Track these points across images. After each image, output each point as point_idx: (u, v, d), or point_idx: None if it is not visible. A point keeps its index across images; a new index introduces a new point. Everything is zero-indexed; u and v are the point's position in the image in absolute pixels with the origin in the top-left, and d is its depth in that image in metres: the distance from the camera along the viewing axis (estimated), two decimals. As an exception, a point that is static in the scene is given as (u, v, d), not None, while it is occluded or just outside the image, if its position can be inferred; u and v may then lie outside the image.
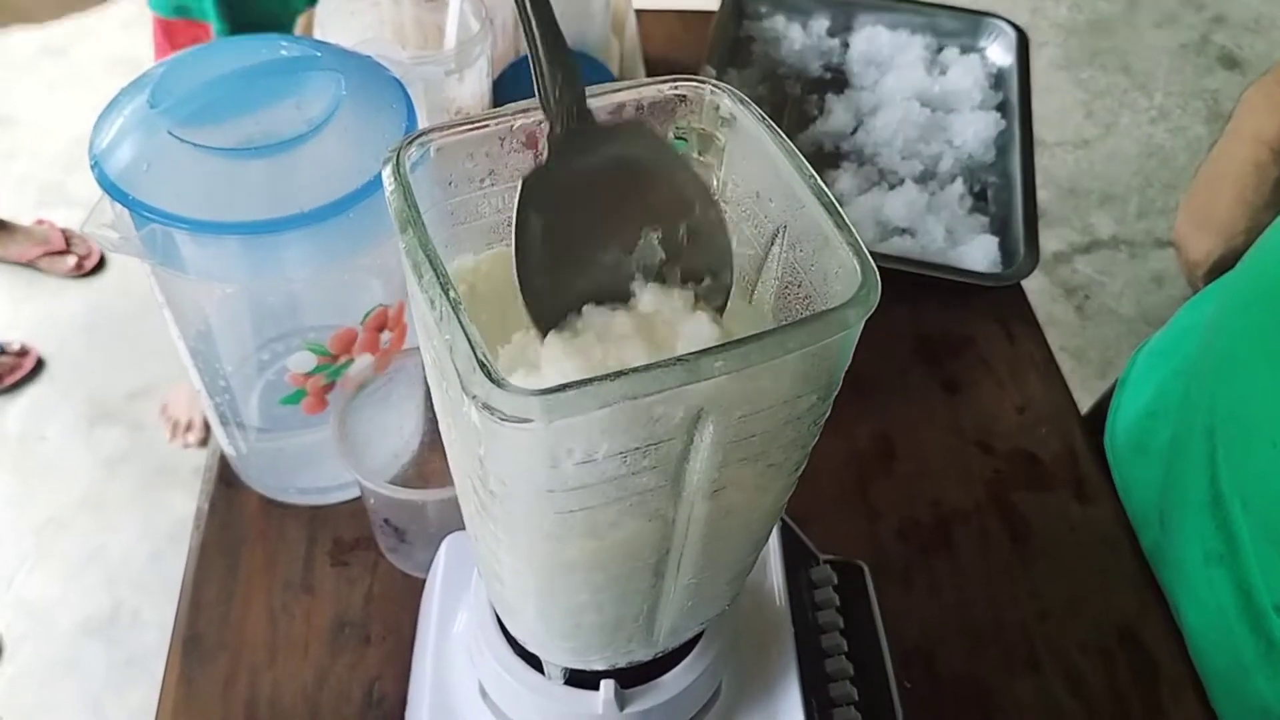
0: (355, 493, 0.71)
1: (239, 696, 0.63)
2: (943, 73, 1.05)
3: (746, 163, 0.37)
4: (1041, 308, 0.96)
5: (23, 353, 1.94)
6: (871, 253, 0.32)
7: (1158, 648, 0.69)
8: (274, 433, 0.69)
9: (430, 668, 0.53)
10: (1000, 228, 0.91)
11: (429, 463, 0.72)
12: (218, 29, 1.36)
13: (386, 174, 0.33)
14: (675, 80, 0.38)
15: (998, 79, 1.05)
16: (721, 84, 0.37)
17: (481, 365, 0.28)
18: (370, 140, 0.57)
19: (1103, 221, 2.35)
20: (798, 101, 1.03)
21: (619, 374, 0.28)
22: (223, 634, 0.66)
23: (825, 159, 0.97)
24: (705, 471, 0.33)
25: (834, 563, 0.60)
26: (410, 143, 0.34)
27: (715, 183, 0.39)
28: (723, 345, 0.29)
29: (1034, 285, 2.24)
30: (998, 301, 0.88)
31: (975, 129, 0.99)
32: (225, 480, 0.73)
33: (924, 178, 0.96)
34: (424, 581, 0.60)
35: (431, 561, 0.59)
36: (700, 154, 0.39)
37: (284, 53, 0.60)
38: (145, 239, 0.54)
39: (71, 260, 2.07)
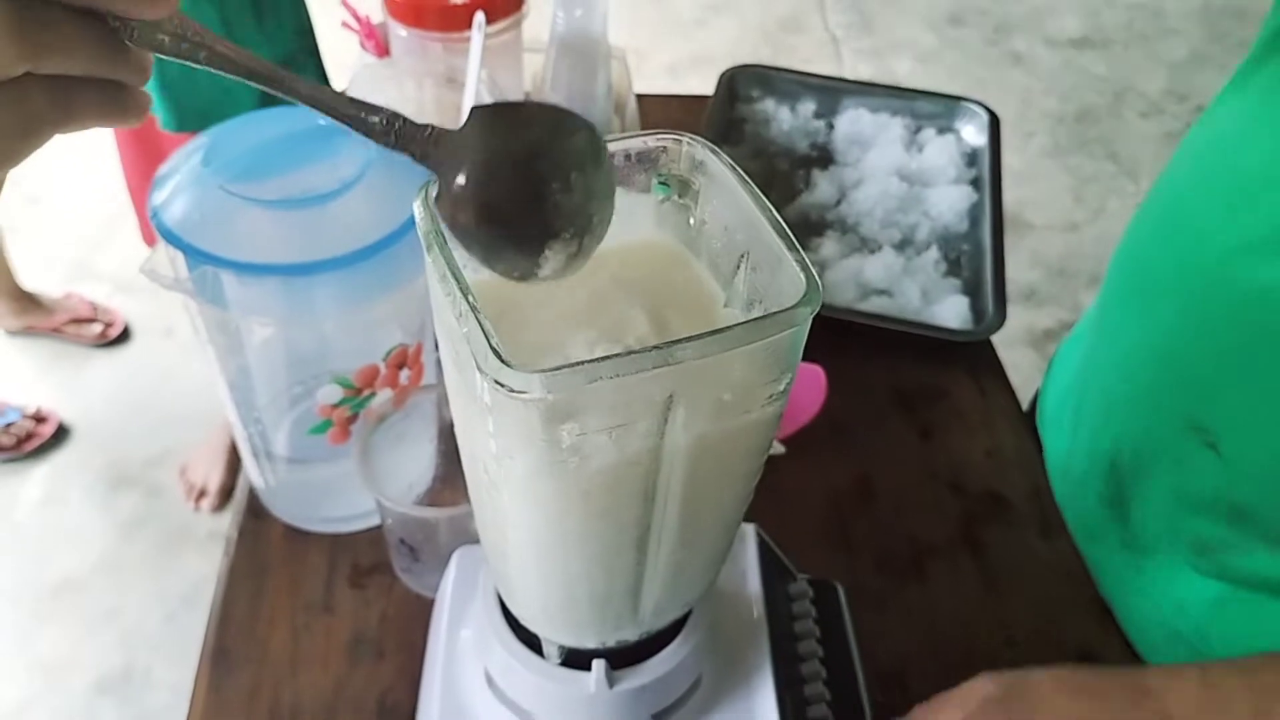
0: (373, 522, 0.77)
1: (263, 704, 0.69)
2: (920, 151, 1.14)
3: (717, 201, 0.44)
4: (1033, 381, 1.02)
5: (40, 418, 1.99)
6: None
7: (1115, 670, 0.74)
8: (301, 464, 0.75)
9: (441, 665, 0.59)
10: (971, 289, 0.98)
11: (440, 494, 0.78)
12: (164, 122, 1.36)
13: (417, 205, 0.40)
14: (658, 134, 0.45)
15: (971, 157, 1.14)
16: (696, 137, 0.45)
17: (494, 351, 0.35)
18: (395, 198, 0.65)
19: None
20: (786, 176, 1.12)
21: (605, 358, 0.35)
22: (249, 648, 0.71)
23: (811, 228, 1.05)
24: (678, 452, 0.39)
25: (810, 580, 0.66)
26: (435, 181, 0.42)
27: (691, 220, 0.46)
28: (692, 336, 0.36)
29: (1024, 360, 2.26)
30: (969, 356, 0.95)
31: (949, 201, 1.07)
32: (254, 511, 0.79)
33: (902, 245, 1.03)
34: (433, 603, 0.66)
35: (440, 583, 0.65)
36: (680, 196, 0.46)
37: (321, 122, 0.68)
38: (196, 280, 0.61)
39: (96, 328, 2.14)
